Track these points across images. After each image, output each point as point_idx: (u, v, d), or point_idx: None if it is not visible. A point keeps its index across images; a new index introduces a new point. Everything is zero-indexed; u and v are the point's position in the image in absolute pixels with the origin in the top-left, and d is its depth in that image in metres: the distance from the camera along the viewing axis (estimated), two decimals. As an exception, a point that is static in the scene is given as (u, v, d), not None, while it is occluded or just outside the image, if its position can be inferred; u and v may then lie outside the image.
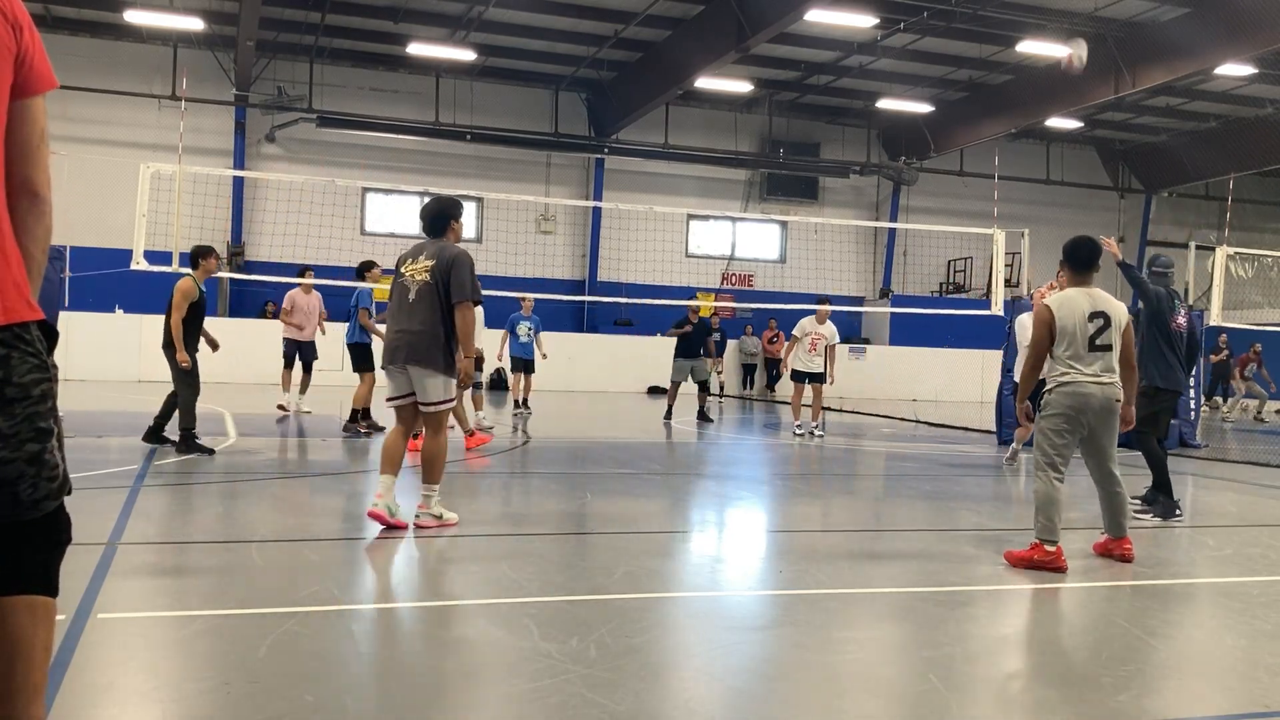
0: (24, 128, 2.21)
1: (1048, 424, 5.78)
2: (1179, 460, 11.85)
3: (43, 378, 2.18)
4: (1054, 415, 5.75)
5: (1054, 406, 5.75)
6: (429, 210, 6.23)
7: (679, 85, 22.86)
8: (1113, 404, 5.75)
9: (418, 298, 5.96)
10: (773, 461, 11.40)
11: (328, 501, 7.21)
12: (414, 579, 5.08)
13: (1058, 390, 5.75)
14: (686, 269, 26.55)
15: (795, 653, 3.88)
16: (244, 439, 10.82)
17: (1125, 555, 5.86)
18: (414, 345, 5.90)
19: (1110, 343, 5.77)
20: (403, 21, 22.44)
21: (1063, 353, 5.75)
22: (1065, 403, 5.71)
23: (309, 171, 23.06)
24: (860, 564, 5.67)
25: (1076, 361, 5.71)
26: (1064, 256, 6.06)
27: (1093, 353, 5.72)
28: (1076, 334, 5.73)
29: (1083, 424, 5.74)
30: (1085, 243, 6.01)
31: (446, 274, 5.92)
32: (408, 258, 6.19)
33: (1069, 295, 5.87)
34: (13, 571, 2.22)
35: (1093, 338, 5.74)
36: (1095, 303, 5.84)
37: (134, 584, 4.53)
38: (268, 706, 3.05)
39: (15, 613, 2.21)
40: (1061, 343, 5.75)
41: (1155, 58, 20.81)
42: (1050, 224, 28.45)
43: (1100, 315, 5.79)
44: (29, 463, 2.15)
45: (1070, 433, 5.76)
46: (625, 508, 7.47)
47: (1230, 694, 3.61)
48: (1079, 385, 5.69)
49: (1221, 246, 13.98)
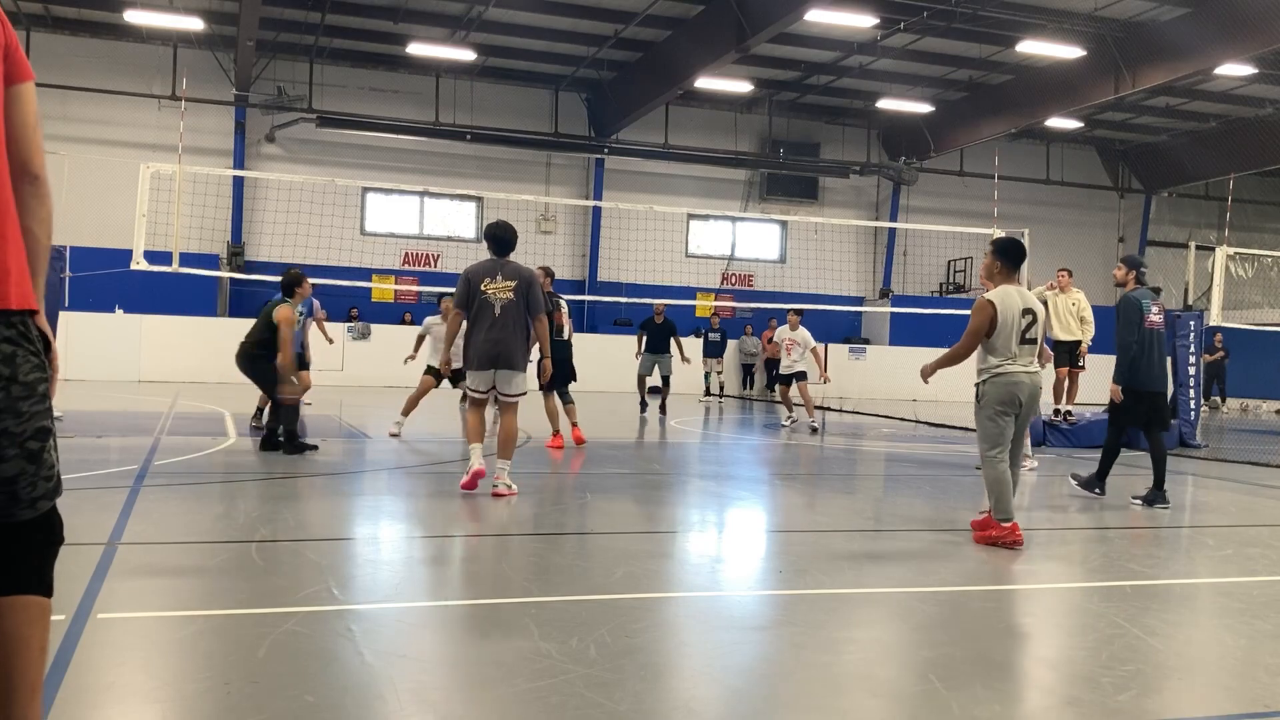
0: (17, 113, 2.25)
1: (987, 413, 6.23)
2: (1179, 460, 11.86)
3: (43, 377, 2.21)
4: (992, 404, 6.21)
5: (991, 396, 6.21)
6: (502, 231, 7.46)
7: (679, 85, 22.86)
8: (1038, 392, 6.30)
9: (503, 312, 7.26)
10: (772, 461, 11.39)
11: (328, 501, 7.21)
12: (414, 579, 5.07)
13: (993, 381, 6.21)
14: (686, 269, 26.56)
15: (795, 653, 3.87)
16: (244, 439, 10.81)
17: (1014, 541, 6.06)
18: (504, 352, 7.24)
19: (1036, 337, 6.30)
20: (403, 21, 22.44)
21: (999, 345, 6.19)
22: (1001, 393, 6.19)
23: (309, 171, 23.08)
24: (860, 564, 5.67)
25: (1009, 354, 6.19)
26: (999, 254, 6.42)
27: (1022, 345, 6.23)
28: (1012, 329, 6.19)
29: (1015, 410, 6.24)
30: (1017, 243, 6.50)
31: (526, 293, 7.29)
32: (485, 276, 7.32)
33: (1007, 291, 6.29)
34: (7, 572, 2.23)
35: (1023, 332, 6.23)
36: (1025, 300, 6.33)
37: (134, 584, 4.53)
38: (268, 706, 3.05)
39: (10, 613, 2.21)
40: (999, 335, 6.18)
41: (1155, 58, 20.81)
42: (1050, 224, 28.52)
43: (1030, 312, 6.29)
44: (30, 461, 2.17)
45: (1006, 417, 6.23)
46: (625, 508, 7.47)
47: (1230, 694, 3.61)
48: (1012, 375, 6.18)
49: (1221, 246, 13.98)
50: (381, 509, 7.12)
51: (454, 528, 6.44)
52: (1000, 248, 6.43)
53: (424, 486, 8.23)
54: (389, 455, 10.23)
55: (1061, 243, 28.60)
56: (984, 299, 6.30)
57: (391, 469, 9.17)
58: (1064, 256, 24.96)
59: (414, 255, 26.05)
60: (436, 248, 26.22)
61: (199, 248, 21.22)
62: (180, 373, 20.85)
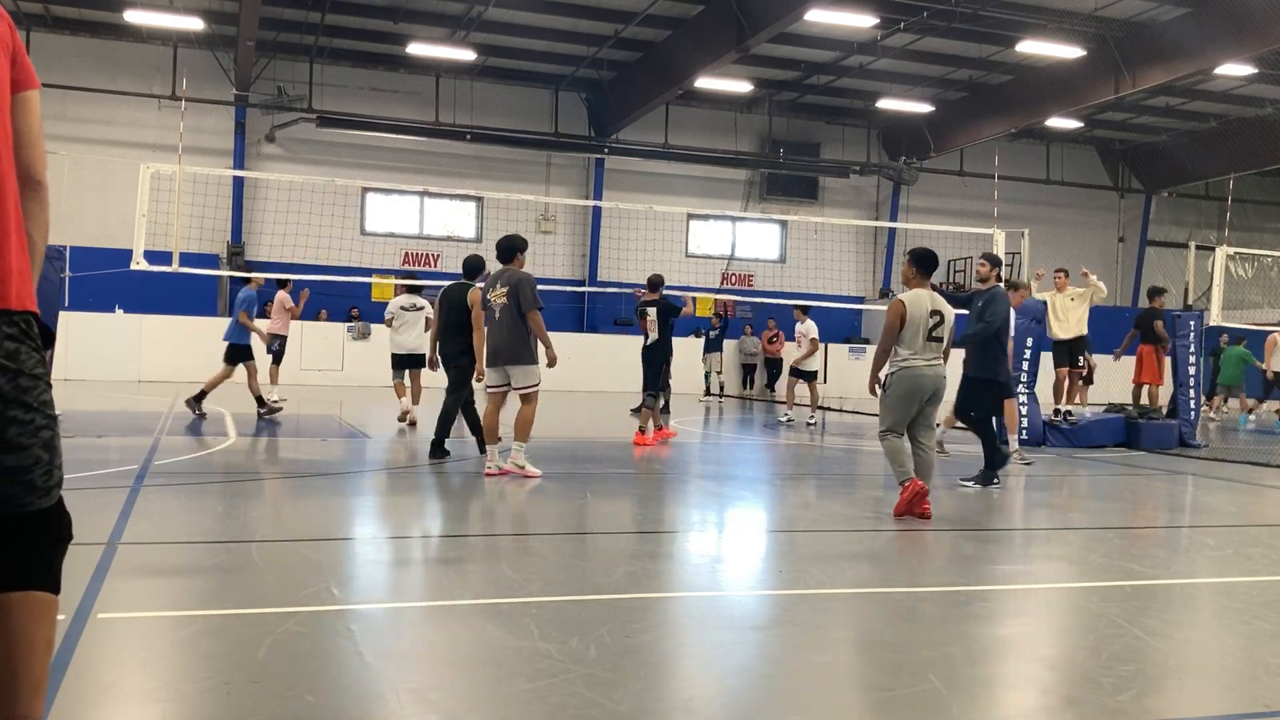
0: (22, 120, 2.29)
1: (891, 400, 7.08)
2: (1179, 460, 11.86)
3: (45, 373, 2.27)
4: (896, 392, 7.06)
5: (896, 385, 7.06)
6: (502, 242, 8.52)
7: (679, 85, 22.86)
8: (941, 383, 7.14)
9: (501, 315, 8.18)
10: (772, 461, 11.39)
11: (328, 501, 7.21)
12: (414, 579, 5.07)
13: (900, 373, 7.05)
14: (687, 269, 26.54)
15: (795, 653, 3.87)
16: (244, 439, 10.81)
17: (924, 513, 6.82)
18: (507, 350, 8.20)
19: (942, 336, 7.09)
20: (403, 21, 22.44)
21: (907, 340, 7.00)
22: (906, 384, 7.03)
23: (309, 171, 23.06)
24: (860, 564, 5.67)
25: (915, 349, 7.01)
26: (913, 263, 7.28)
27: (928, 343, 7.03)
28: (919, 327, 7.01)
29: (919, 398, 7.05)
30: (929, 253, 7.33)
31: (516, 294, 8.10)
32: (490, 286, 8.36)
33: (919, 294, 7.14)
34: (15, 567, 2.24)
35: (930, 331, 7.04)
36: (935, 303, 7.14)
37: (134, 584, 4.53)
38: (268, 706, 3.05)
39: (18, 608, 2.22)
40: (908, 332, 6.99)
41: (1155, 58, 20.81)
42: (1050, 224, 28.51)
43: (937, 313, 7.10)
44: (44, 449, 2.23)
45: (909, 406, 7.06)
46: (625, 508, 7.47)
47: (1230, 694, 3.61)
48: (917, 369, 7.01)
49: (1221, 246, 13.99)
50: (381, 509, 7.12)
51: (454, 528, 6.44)
52: (914, 257, 7.30)
53: (424, 486, 8.23)
54: (389, 455, 10.23)
55: (1061, 243, 28.60)
56: (897, 299, 7.16)
57: (391, 469, 9.17)
58: (1064, 256, 24.95)
59: (414, 255, 26.05)
60: (436, 248, 26.22)
61: (199, 248, 21.20)
62: (180, 373, 20.81)
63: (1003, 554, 6.20)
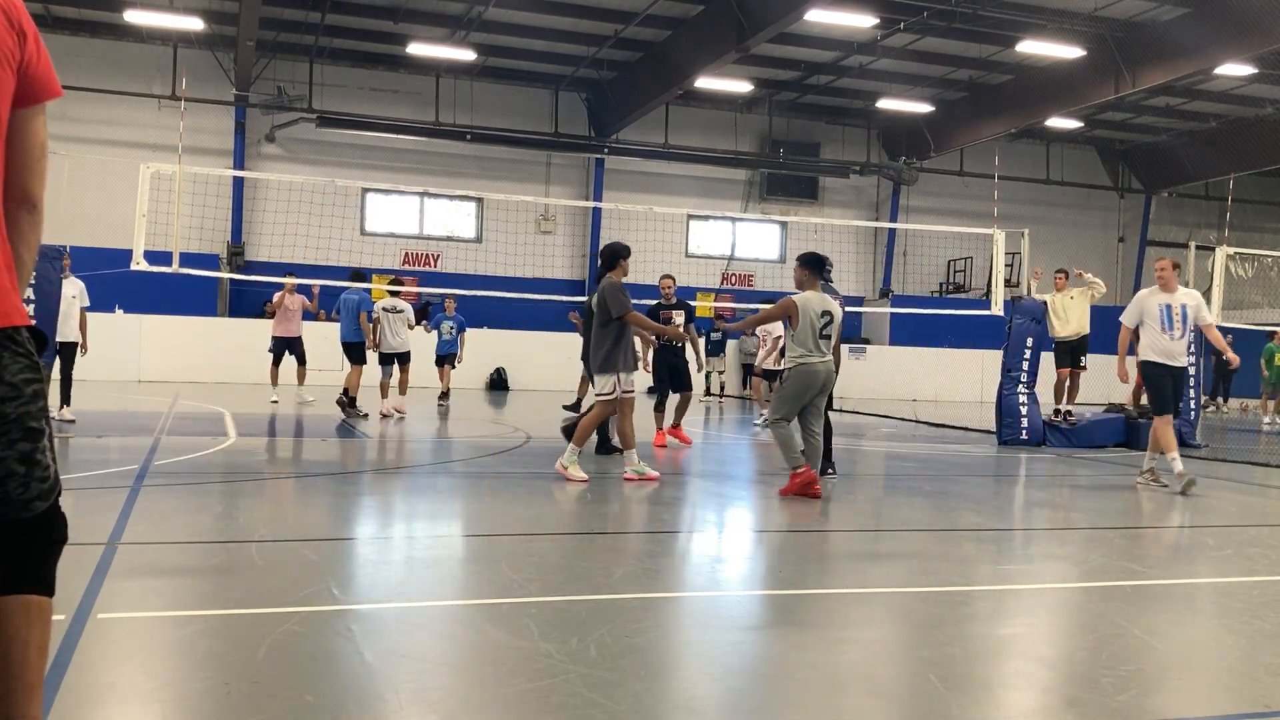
0: (26, 138, 2.21)
1: (786, 392, 7.76)
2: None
3: (34, 378, 2.19)
4: (792, 386, 7.72)
5: (792, 380, 7.72)
6: (604, 252, 8.77)
7: (679, 85, 22.86)
8: (832, 378, 7.84)
9: (590, 324, 8.67)
10: (772, 461, 11.39)
11: (328, 501, 7.21)
12: (414, 579, 5.07)
13: (796, 369, 7.69)
14: (687, 269, 26.54)
15: (795, 653, 3.87)
16: (244, 439, 10.81)
17: (815, 493, 7.57)
18: (588, 359, 8.95)
19: (831, 334, 7.79)
20: (403, 21, 22.44)
21: (800, 338, 7.65)
22: (801, 379, 7.68)
23: (309, 171, 23.07)
24: (860, 564, 5.67)
25: (808, 348, 7.65)
26: (804, 265, 8.00)
27: (820, 340, 7.69)
28: (811, 327, 7.65)
29: (812, 392, 7.73)
30: (818, 256, 8.11)
31: (602, 302, 8.41)
32: (590, 297, 8.97)
33: (809, 296, 7.78)
34: (8, 571, 2.22)
35: (820, 329, 7.69)
36: (825, 304, 7.78)
37: (134, 584, 4.53)
38: (268, 706, 3.05)
39: (10, 612, 2.21)
40: (801, 332, 7.65)
41: (1155, 58, 20.81)
42: (1050, 224, 28.53)
43: (828, 314, 7.76)
44: (20, 461, 2.15)
45: (802, 398, 7.73)
46: (625, 508, 7.46)
47: (1230, 694, 3.61)
48: (811, 365, 7.66)
49: (1221, 246, 13.98)
50: (381, 509, 7.12)
51: (454, 528, 6.44)
52: (804, 260, 8.01)
53: (424, 486, 8.23)
54: (389, 455, 10.24)
55: (1061, 243, 28.61)
56: (790, 298, 7.79)
57: (391, 469, 9.17)
58: (1064, 256, 24.96)
59: (414, 255, 26.05)
60: (436, 248, 26.22)
61: (199, 248, 21.21)
62: (180, 373, 20.85)
63: (1003, 554, 6.20)
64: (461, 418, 15.02)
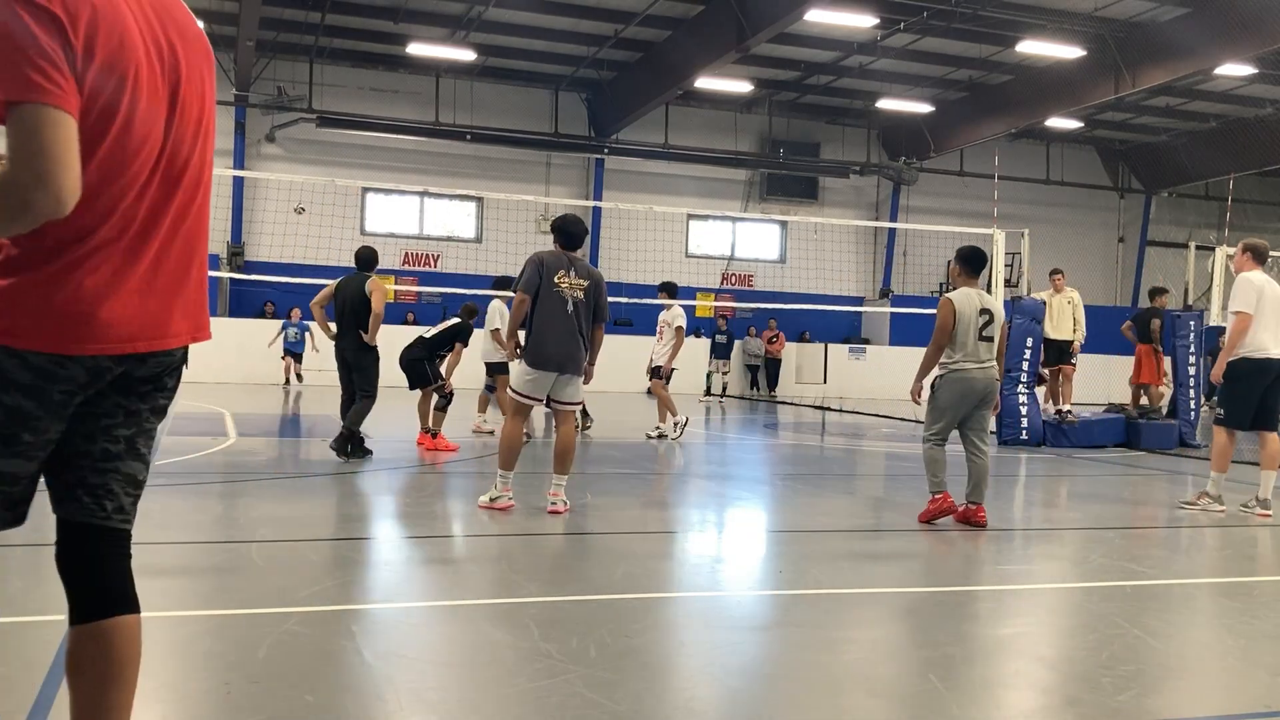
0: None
1: (941, 404, 6.80)
2: (1179, 460, 11.85)
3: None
4: (947, 396, 6.78)
5: (946, 389, 6.76)
6: (574, 226, 6.82)
7: (679, 85, 22.85)
8: (993, 386, 6.82)
9: (575, 311, 6.59)
10: (772, 461, 11.40)
11: (328, 501, 7.21)
12: (414, 579, 5.07)
13: (948, 376, 6.77)
14: (686, 269, 26.54)
15: (795, 653, 3.87)
16: (244, 439, 10.81)
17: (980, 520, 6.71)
18: (575, 357, 6.63)
19: (993, 335, 6.83)
20: (403, 21, 22.43)
21: (959, 343, 6.72)
22: (956, 389, 6.74)
23: (309, 171, 23.06)
24: (860, 564, 5.67)
25: (967, 350, 6.72)
26: (960, 260, 7.06)
27: (980, 343, 6.75)
28: (971, 326, 6.72)
29: (968, 403, 6.77)
30: (977, 251, 7.08)
31: (597, 295, 6.71)
32: (559, 268, 6.58)
33: (967, 293, 6.85)
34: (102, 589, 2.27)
35: (981, 330, 6.75)
36: (984, 301, 6.85)
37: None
38: (268, 706, 3.05)
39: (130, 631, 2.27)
40: (959, 332, 6.74)
41: (1155, 58, 20.80)
42: (1050, 224, 28.50)
43: (986, 311, 6.81)
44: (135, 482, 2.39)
45: (958, 410, 6.77)
46: (625, 508, 7.46)
47: (1230, 694, 3.61)
48: (968, 372, 6.71)
49: (1221, 246, 13.96)
50: (381, 509, 7.12)
51: (454, 528, 6.44)
52: (962, 256, 7.04)
53: (424, 486, 8.23)
54: (389, 455, 10.23)
55: (1061, 243, 28.59)
56: (945, 297, 6.90)
57: (391, 469, 9.17)
58: (1064, 257, 24.96)
59: (414, 255, 26.05)
60: (436, 248, 26.22)
61: (199, 248, 21.20)
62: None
63: (1003, 554, 6.20)
64: (463, 417, 15.01)
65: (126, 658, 2.18)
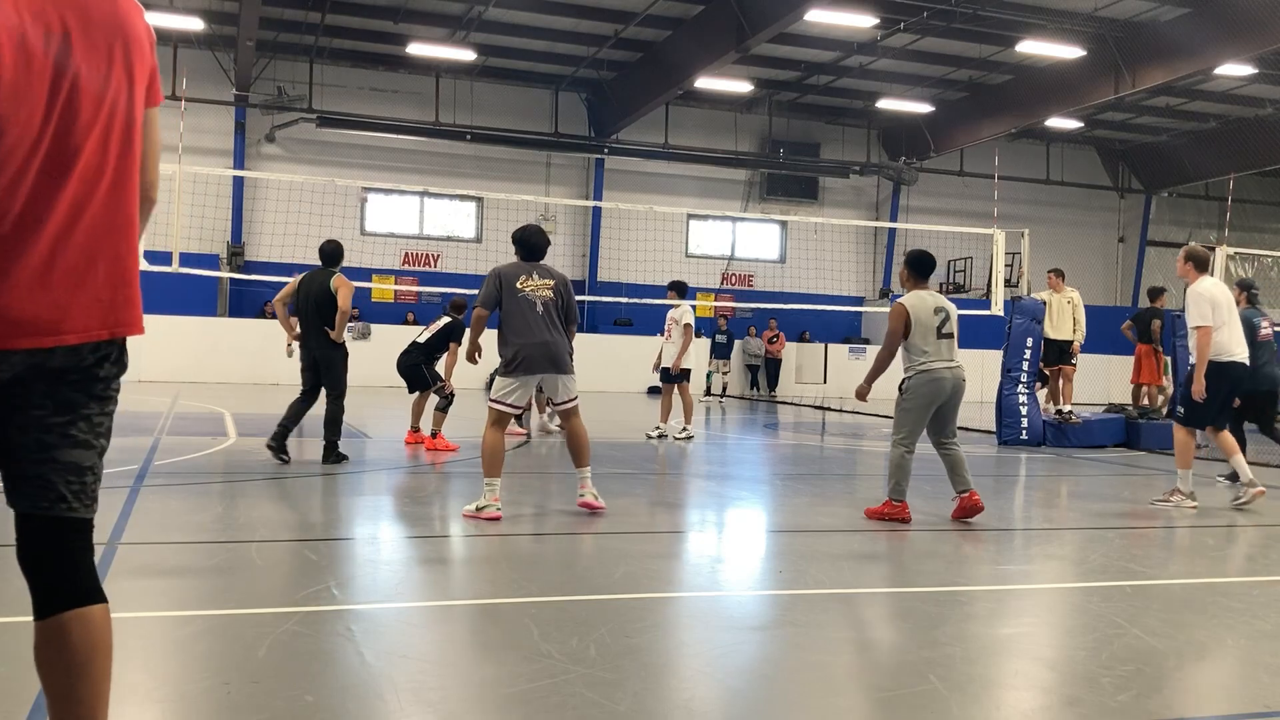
0: (149, 137, 2.27)
1: (910, 405, 6.86)
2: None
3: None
4: (917, 398, 6.82)
5: (915, 390, 6.81)
6: (534, 236, 6.91)
7: (679, 85, 22.86)
8: (961, 386, 6.91)
9: (545, 312, 6.68)
10: (772, 461, 11.40)
11: (328, 501, 7.21)
12: (414, 579, 5.07)
13: (917, 377, 6.80)
14: (686, 269, 26.54)
15: (795, 653, 3.87)
16: (244, 439, 10.81)
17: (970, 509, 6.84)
18: (559, 356, 6.70)
19: (952, 331, 6.91)
20: (403, 21, 22.43)
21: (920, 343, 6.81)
22: (926, 389, 6.79)
23: (309, 171, 23.06)
24: (860, 564, 5.67)
25: (930, 350, 6.79)
26: (908, 265, 7.09)
27: (941, 341, 6.80)
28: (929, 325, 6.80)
29: (937, 403, 6.84)
30: (924, 255, 7.10)
31: (565, 296, 6.83)
32: (522, 275, 6.73)
33: (919, 294, 6.92)
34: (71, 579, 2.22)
35: (939, 327, 6.82)
36: (936, 300, 6.92)
37: (134, 584, 4.53)
38: (268, 706, 3.05)
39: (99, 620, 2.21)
40: (918, 334, 6.82)
41: (1155, 58, 20.80)
42: (1050, 224, 28.50)
43: (941, 309, 6.88)
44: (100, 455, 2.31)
45: (927, 411, 6.83)
46: (625, 508, 7.46)
47: (1230, 694, 3.61)
48: (936, 371, 6.77)
49: (1221, 246, 13.97)
50: (381, 509, 7.12)
51: (454, 528, 6.44)
52: (910, 260, 7.10)
53: (423, 486, 8.23)
54: (389, 455, 10.23)
55: (1061, 243, 28.59)
56: (898, 301, 6.97)
57: (391, 469, 9.17)
58: (1064, 257, 24.96)
59: (414, 255, 26.05)
60: (436, 248, 26.22)
61: (199, 248, 21.20)
62: (180, 373, 20.84)
63: (1003, 554, 6.20)
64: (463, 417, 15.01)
65: (90, 650, 2.13)
